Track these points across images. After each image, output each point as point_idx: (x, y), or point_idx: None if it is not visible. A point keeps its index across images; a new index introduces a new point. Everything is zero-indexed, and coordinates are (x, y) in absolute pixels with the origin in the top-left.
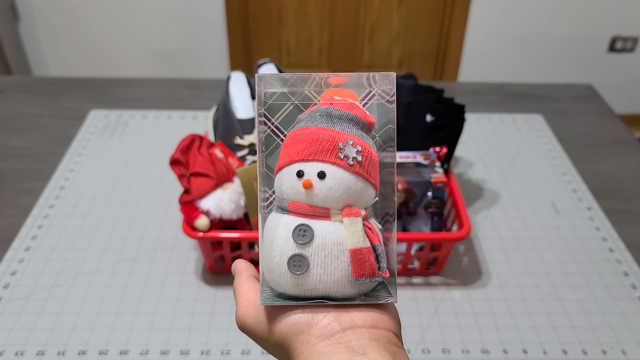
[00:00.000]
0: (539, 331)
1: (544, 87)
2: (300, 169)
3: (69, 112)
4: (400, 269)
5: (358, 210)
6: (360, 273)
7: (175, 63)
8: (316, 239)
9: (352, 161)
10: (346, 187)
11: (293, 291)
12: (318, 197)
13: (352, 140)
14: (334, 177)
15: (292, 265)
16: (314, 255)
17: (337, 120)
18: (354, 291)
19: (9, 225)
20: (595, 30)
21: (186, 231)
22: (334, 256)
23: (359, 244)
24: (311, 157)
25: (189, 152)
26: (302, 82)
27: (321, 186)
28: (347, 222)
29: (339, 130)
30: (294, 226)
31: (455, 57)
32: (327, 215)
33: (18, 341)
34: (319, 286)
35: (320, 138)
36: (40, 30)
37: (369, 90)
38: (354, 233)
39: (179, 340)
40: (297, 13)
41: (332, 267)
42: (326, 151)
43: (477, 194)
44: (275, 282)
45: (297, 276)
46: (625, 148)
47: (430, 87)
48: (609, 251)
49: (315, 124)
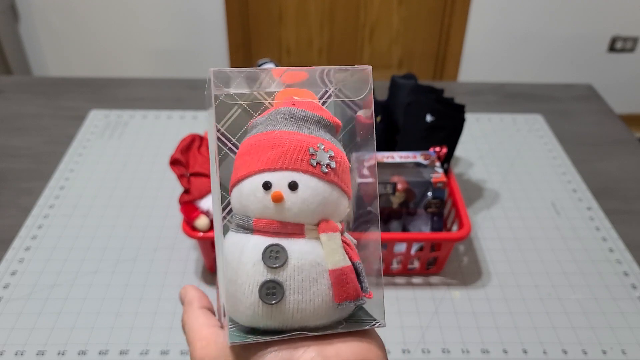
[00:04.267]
0: (539, 331)
1: (544, 87)
2: (266, 180)
3: (69, 112)
4: (401, 269)
5: (335, 225)
6: (344, 296)
7: (175, 63)
8: (291, 260)
9: (325, 168)
10: (322, 198)
11: (265, 324)
12: (291, 212)
13: (323, 144)
14: (308, 187)
15: (264, 293)
16: (290, 280)
17: (302, 123)
18: (335, 318)
19: (8, 225)
20: (596, 30)
21: (186, 231)
22: (313, 279)
23: (339, 263)
24: (279, 166)
25: (189, 152)
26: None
27: (294, 198)
28: (325, 238)
29: (308, 134)
30: (263, 247)
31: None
32: (300, 233)
33: (18, 341)
34: (296, 315)
35: (287, 143)
36: (40, 30)
37: (325, 90)
38: (333, 251)
39: (179, 340)
40: (297, 13)
41: (311, 292)
42: (296, 158)
43: (477, 194)
44: (243, 314)
45: (270, 306)
46: (625, 148)
47: (430, 87)
48: (609, 251)
49: (279, 128)
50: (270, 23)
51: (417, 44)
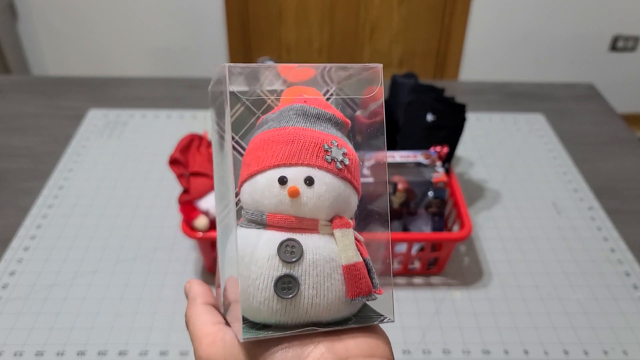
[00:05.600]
0: (539, 331)
1: (545, 86)
2: (282, 175)
3: (67, 111)
4: (401, 269)
5: (349, 221)
6: (357, 292)
7: (174, 62)
8: (306, 255)
9: (340, 165)
10: (336, 194)
11: (279, 319)
12: (307, 207)
13: (337, 141)
14: (324, 183)
15: (280, 288)
16: (305, 275)
17: (315, 120)
18: (346, 313)
19: (7, 225)
20: (597, 29)
21: (185, 231)
22: (327, 275)
23: (352, 259)
24: (295, 161)
25: (188, 151)
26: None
27: (310, 194)
28: (339, 234)
29: (321, 131)
30: (278, 242)
31: (456, 56)
32: (315, 228)
33: (17, 341)
34: (310, 311)
35: (302, 139)
36: (39, 29)
37: (327, 89)
38: (346, 247)
39: (179, 341)
40: (297, 11)
41: (325, 288)
42: (312, 153)
43: (478, 194)
44: (255, 310)
45: (286, 301)
46: (626, 147)
47: (431, 86)
48: (610, 251)
49: (292, 124)
50: (270, 22)
51: (418, 43)
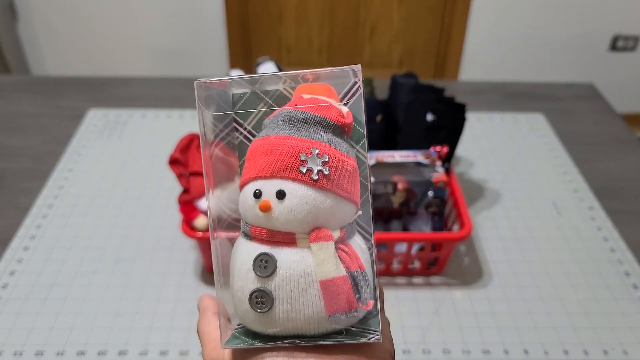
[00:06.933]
0: (540, 331)
1: (545, 86)
2: (257, 188)
3: (67, 111)
4: (401, 269)
5: (329, 233)
6: (335, 308)
7: (174, 62)
8: (280, 270)
9: (316, 175)
10: (311, 206)
11: (260, 330)
12: (279, 221)
13: (318, 149)
14: (295, 196)
15: (254, 302)
16: (278, 290)
17: (301, 126)
18: (332, 327)
19: (7, 225)
20: (597, 29)
21: (185, 231)
22: (302, 290)
23: (330, 274)
24: (269, 174)
25: (188, 151)
26: (273, 82)
27: (281, 208)
28: (316, 248)
29: (302, 138)
30: (254, 255)
31: (456, 56)
32: (292, 241)
33: (17, 341)
34: (288, 325)
35: (279, 149)
36: (39, 29)
37: (355, 81)
38: (323, 261)
39: (178, 341)
40: (297, 11)
41: (301, 303)
42: (285, 165)
43: (478, 194)
44: (241, 319)
45: (260, 314)
46: (626, 147)
47: (431, 86)
48: (611, 251)
49: (276, 132)
50: (270, 21)
51: (418, 43)
